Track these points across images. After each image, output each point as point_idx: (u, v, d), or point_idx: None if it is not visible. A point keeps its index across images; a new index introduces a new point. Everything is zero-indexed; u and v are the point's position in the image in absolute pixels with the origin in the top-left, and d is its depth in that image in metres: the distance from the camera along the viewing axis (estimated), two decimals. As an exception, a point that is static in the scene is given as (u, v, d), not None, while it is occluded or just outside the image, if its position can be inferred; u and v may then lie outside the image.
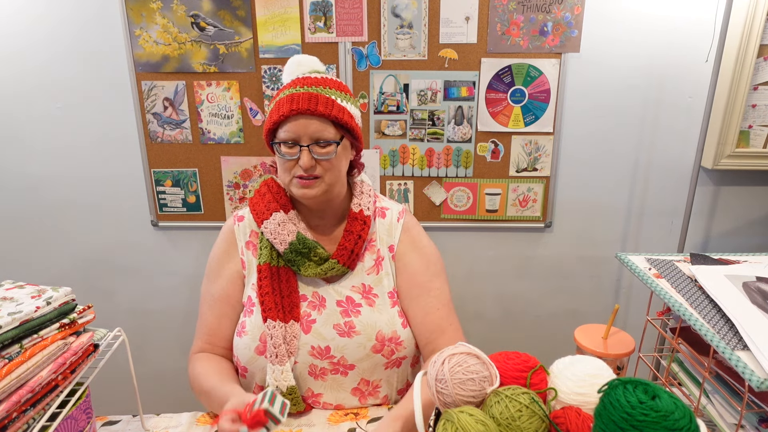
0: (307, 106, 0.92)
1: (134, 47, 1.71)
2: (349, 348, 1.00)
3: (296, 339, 0.99)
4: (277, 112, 0.95)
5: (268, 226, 1.01)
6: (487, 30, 1.68)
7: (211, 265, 1.09)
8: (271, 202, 1.03)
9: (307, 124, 0.93)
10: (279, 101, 0.97)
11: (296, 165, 0.96)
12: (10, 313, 0.75)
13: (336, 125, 0.96)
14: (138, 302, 2.01)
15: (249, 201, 1.08)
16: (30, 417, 0.75)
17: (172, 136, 1.80)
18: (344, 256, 1.02)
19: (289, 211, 1.04)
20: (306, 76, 0.99)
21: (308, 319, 1.02)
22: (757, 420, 0.78)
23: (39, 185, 1.87)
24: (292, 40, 1.70)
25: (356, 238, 1.03)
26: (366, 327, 1.01)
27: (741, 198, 1.87)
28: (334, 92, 0.97)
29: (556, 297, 2.00)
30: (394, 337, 1.02)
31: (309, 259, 1.01)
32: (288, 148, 0.96)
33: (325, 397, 1.03)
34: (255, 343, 1.01)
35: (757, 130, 1.72)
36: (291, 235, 1.00)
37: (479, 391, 0.74)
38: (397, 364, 1.05)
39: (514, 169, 1.82)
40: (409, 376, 1.11)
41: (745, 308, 0.81)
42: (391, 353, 1.02)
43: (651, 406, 0.61)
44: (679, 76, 1.73)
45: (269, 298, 0.99)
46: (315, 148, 0.95)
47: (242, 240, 1.08)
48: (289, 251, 1.00)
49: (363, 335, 1.00)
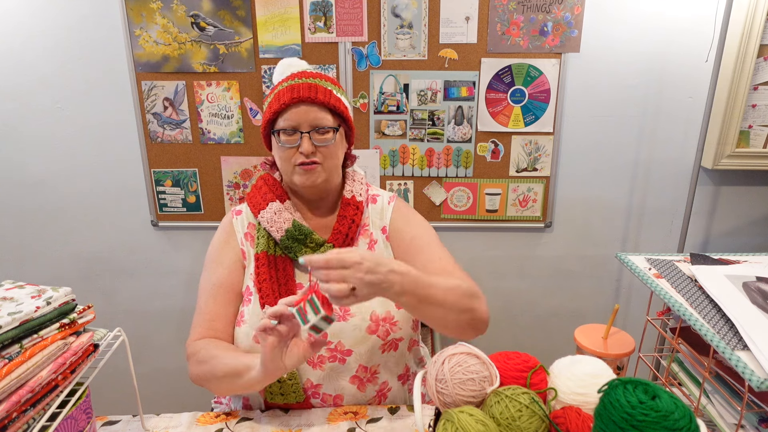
0: (308, 94, 0.97)
1: (134, 47, 1.71)
2: (345, 331, 1.01)
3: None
4: (277, 102, 0.99)
5: (264, 215, 1.04)
6: (487, 30, 1.68)
7: (211, 256, 1.10)
8: (267, 193, 1.07)
9: (307, 111, 0.98)
10: (278, 92, 1.00)
11: (296, 153, 0.99)
12: (10, 313, 0.75)
13: (333, 114, 1.01)
14: (138, 302, 2.01)
15: (246, 195, 1.12)
16: (30, 417, 0.75)
17: (172, 136, 1.80)
18: (339, 240, 1.04)
19: (285, 201, 1.07)
20: (303, 71, 1.04)
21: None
22: (757, 420, 0.78)
23: (39, 185, 1.87)
24: (292, 40, 1.70)
25: (350, 223, 1.06)
26: (360, 308, 1.02)
27: (741, 198, 1.87)
28: (330, 85, 1.03)
29: (556, 297, 2.00)
30: (387, 317, 1.03)
31: (305, 245, 1.03)
32: (288, 135, 0.99)
33: (325, 387, 1.03)
34: (253, 332, 1.00)
35: (757, 130, 1.72)
36: (287, 223, 1.03)
37: (479, 391, 0.74)
38: (393, 346, 1.05)
39: (514, 169, 1.82)
40: (407, 361, 1.11)
41: (745, 308, 0.81)
42: (387, 334, 1.03)
43: (651, 406, 0.61)
44: (679, 76, 1.73)
45: (267, 285, 1.01)
46: (314, 135, 0.98)
47: (241, 231, 1.10)
48: (285, 238, 1.02)
49: (357, 316, 1.01)
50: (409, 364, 1.12)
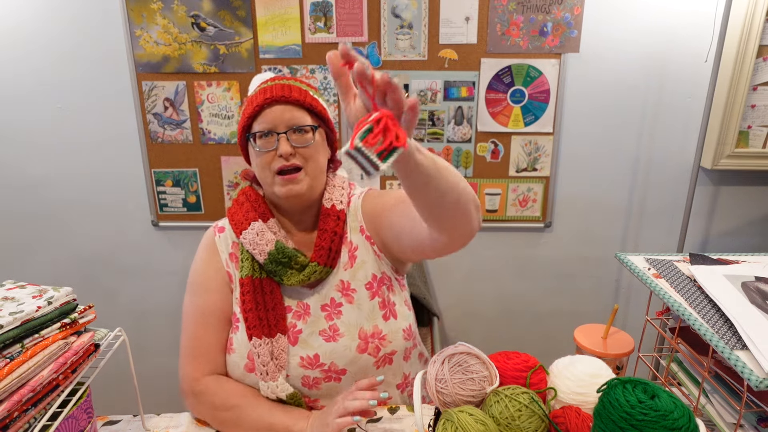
0: (282, 93, 0.92)
1: (135, 48, 1.71)
2: (337, 352, 0.97)
3: (285, 353, 0.96)
4: (250, 106, 0.94)
5: (246, 237, 0.98)
6: (487, 30, 1.68)
7: (196, 278, 1.04)
8: (249, 211, 1.00)
9: (282, 110, 0.92)
10: (251, 97, 0.96)
11: (275, 157, 0.92)
12: (11, 313, 0.75)
13: (311, 114, 0.95)
14: (138, 302, 2.01)
15: (228, 211, 1.05)
16: (31, 416, 0.76)
17: (172, 137, 1.80)
18: (323, 257, 0.97)
19: (269, 219, 1.00)
20: (275, 76, 1.00)
21: (294, 330, 0.99)
22: (756, 419, 0.78)
23: (40, 185, 1.88)
24: (292, 41, 1.70)
25: (332, 236, 0.98)
26: (348, 327, 0.98)
27: (740, 198, 1.87)
28: (305, 87, 0.97)
29: (555, 297, 2.00)
30: (376, 332, 0.98)
31: (290, 268, 0.97)
32: (264, 138, 0.92)
33: (323, 402, 1.02)
34: (243, 361, 0.98)
35: (757, 131, 1.72)
36: (270, 245, 0.96)
37: (479, 391, 0.74)
38: (387, 361, 1.02)
39: (514, 169, 1.82)
40: (404, 370, 1.07)
41: (744, 308, 0.82)
42: (377, 350, 0.98)
43: (650, 406, 0.62)
44: (679, 76, 1.73)
45: (253, 314, 0.96)
46: (292, 135, 0.92)
47: (225, 252, 1.04)
48: (268, 261, 0.96)
49: (347, 336, 0.97)
50: (407, 373, 1.08)
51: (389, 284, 1.03)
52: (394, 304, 1.02)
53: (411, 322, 1.05)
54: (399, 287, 1.05)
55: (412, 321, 1.06)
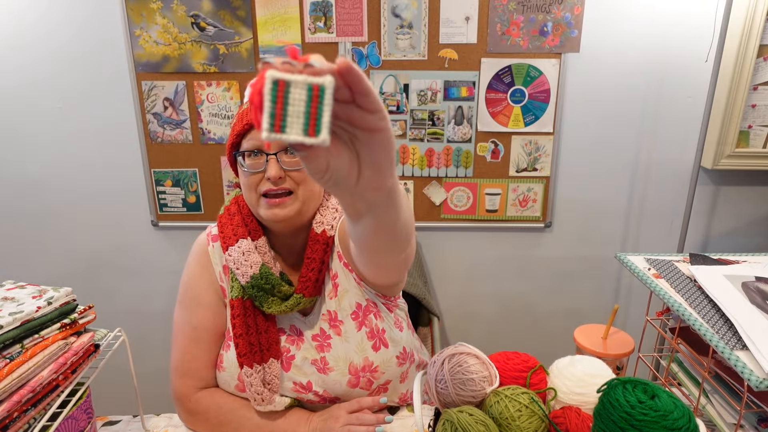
0: None
1: (134, 47, 1.71)
2: (329, 383, 0.93)
3: (277, 378, 0.92)
4: (240, 123, 0.86)
5: (232, 254, 0.90)
6: (487, 30, 1.68)
7: (188, 291, 0.98)
8: (239, 225, 0.92)
9: None
10: (241, 113, 0.88)
11: (262, 179, 0.85)
12: (11, 313, 0.75)
13: None
14: (138, 302, 2.01)
15: (218, 219, 0.97)
16: (31, 417, 0.76)
17: (172, 136, 1.80)
18: (309, 289, 0.90)
19: (258, 237, 0.92)
20: None
21: (287, 355, 0.95)
22: (756, 420, 0.78)
23: (39, 185, 1.88)
24: (292, 40, 1.70)
25: (319, 265, 0.91)
26: (338, 361, 0.93)
27: (741, 198, 1.87)
28: None
29: (556, 297, 2.00)
30: (367, 365, 0.93)
31: (272, 295, 0.89)
32: (252, 159, 0.85)
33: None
34: (234, 381, 0.94)
35: (757, 130, 1.72)
36: (254, 267, 0.88)
37: (479, 391, 0.74)
38: (382, 390, 0.97)
39: (514, 169, 1.82)
40: (401, 390, 1.02)
41: (744, 308, 0.82)
42: (370, 383, 0.93)
43: (650, 406, 0.62)
44: (679, 76, 1.73)
45: (243, 340, 0.89)
46: (283, 157, 0.84)
47: (218, 264, 0.98)
48: (250, 286, 0.89)
49: (336, 371, 0.92)
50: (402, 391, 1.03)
51: (376, 311, 0.96)
52: (383, 331, 0.96)
53: (405, 344, 0.99)
54: (387, 310, 0.99)
55: (406, 341, 1.00)
